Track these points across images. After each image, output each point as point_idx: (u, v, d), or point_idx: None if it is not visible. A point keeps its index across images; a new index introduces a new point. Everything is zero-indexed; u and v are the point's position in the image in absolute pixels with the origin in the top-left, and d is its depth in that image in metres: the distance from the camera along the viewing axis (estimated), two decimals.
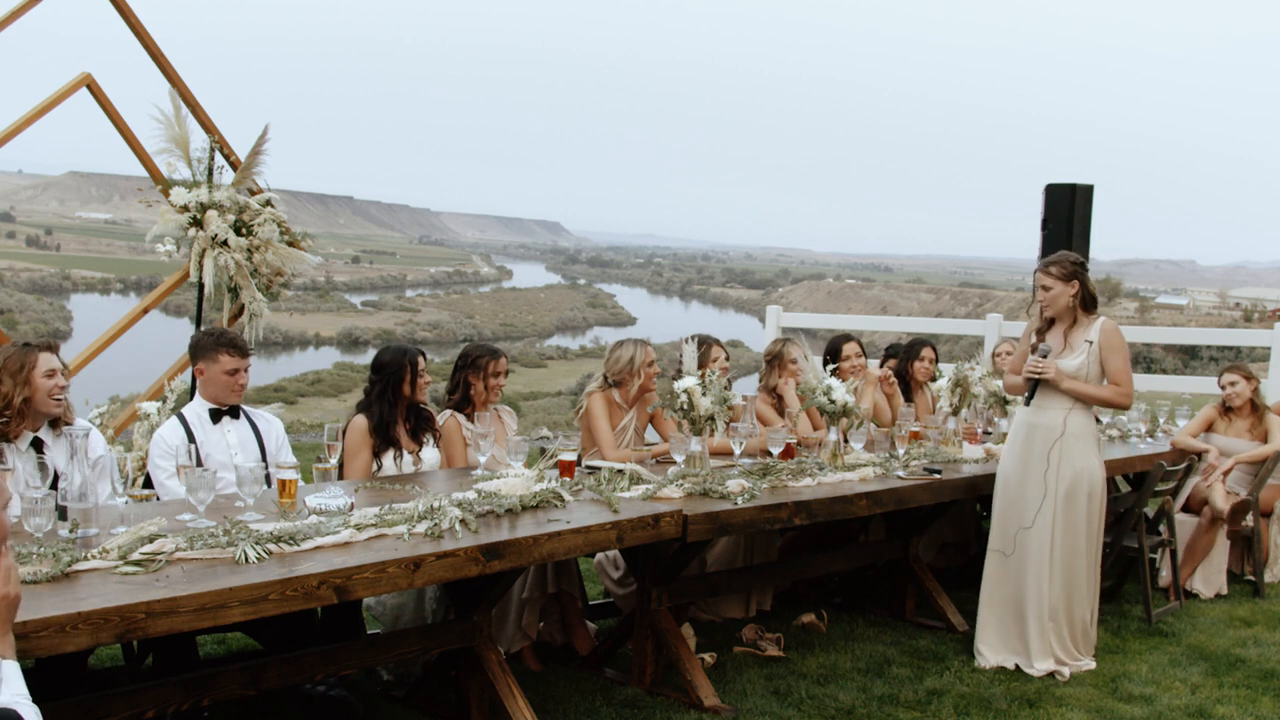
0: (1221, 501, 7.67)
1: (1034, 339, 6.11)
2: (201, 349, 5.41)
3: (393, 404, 5.74)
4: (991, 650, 6.09)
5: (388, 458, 5.68)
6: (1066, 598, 6.01)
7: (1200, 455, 7.90)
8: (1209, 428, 8.15)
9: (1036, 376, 5.97)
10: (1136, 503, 7.04)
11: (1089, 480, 5.99)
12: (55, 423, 4.91)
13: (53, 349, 4.90)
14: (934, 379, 8.28)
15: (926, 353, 8.26)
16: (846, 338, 7.73)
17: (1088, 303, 6.01)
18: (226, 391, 5.41)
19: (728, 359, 6.83)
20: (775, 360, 7.34)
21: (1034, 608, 5.98)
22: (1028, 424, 6.08)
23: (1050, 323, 6.09)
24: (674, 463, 5.78)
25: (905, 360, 8.20)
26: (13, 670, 2.82)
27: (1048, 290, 5.99)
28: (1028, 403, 6.07)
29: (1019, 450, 6.10)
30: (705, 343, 6.69)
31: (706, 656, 5.86)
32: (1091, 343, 5.95)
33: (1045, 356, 5.98)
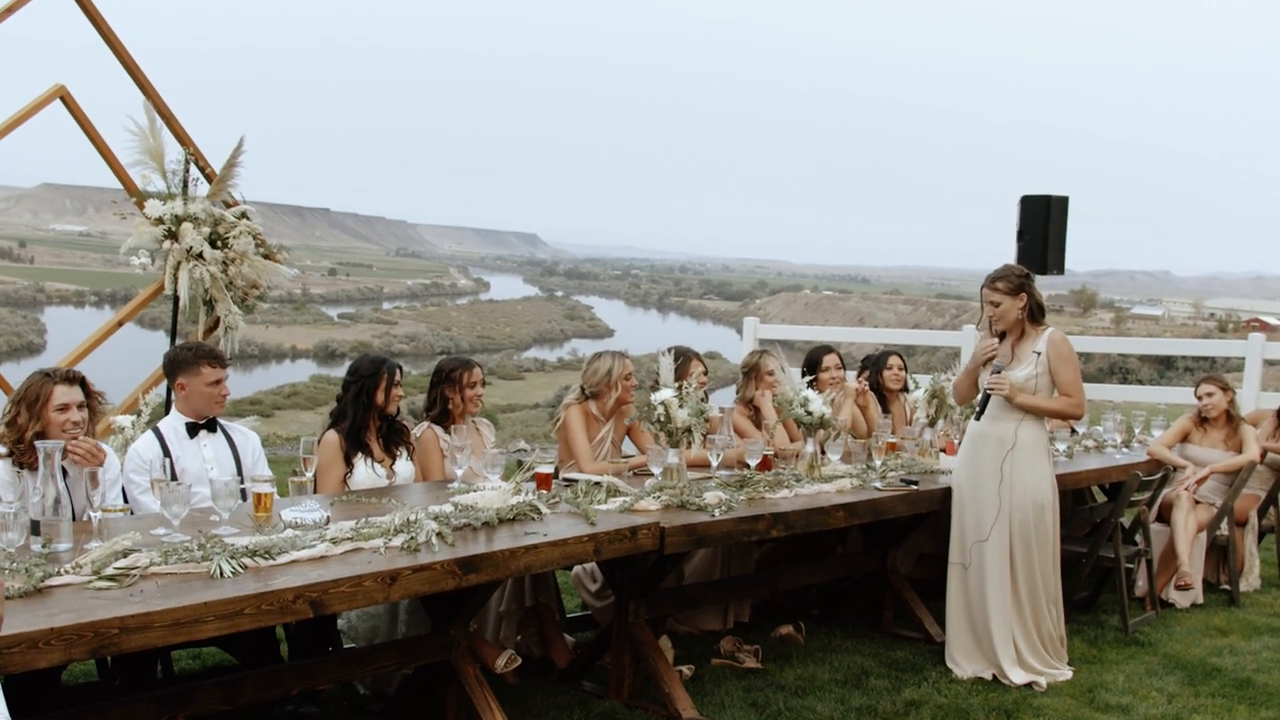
0: (1183, 525, 7.68)
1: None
2: (181, 363, 5.38)
3: (366, 408, 5.72)
4: (964, 661, 6.11)
5: (360, 463, 5.65)
6: (1031, 608, 6.03)
7: (1176, 468, 7.95)
8: (1184, 438, 8.19)
9: (993, 393, 5.99)
10: (1112, 513, 7.07)
11: (1041, 492, 6.01)
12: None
13: (73, 380, 4.81)
14: (906, 388, 8.30)
15: (894, 361, 8.27)
16: (827, 349, 7.74)
17: (1035, 313, 6.02)
18: (209, 403, 5.39)
19: (706, 372, 6.84)
20: (752, 372, 7.35)
21: (997, 620, 5.99)
22: (979, 435, 6.10)
23: (1001, 337, 6.11)
24: (651, 475, 5.78)
25: (874, 372, 8.22)
26: None
27: (997, 306, 6.00)
28: (978, 417, 6.09)
29: (971, 462, 6.12)
30: (684, 355, 6.70)
31: (684, 669, 5.85)
32: (1039, 354, 5.96)
33: (999, 372, 6.00)
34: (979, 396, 6.12)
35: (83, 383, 4.87)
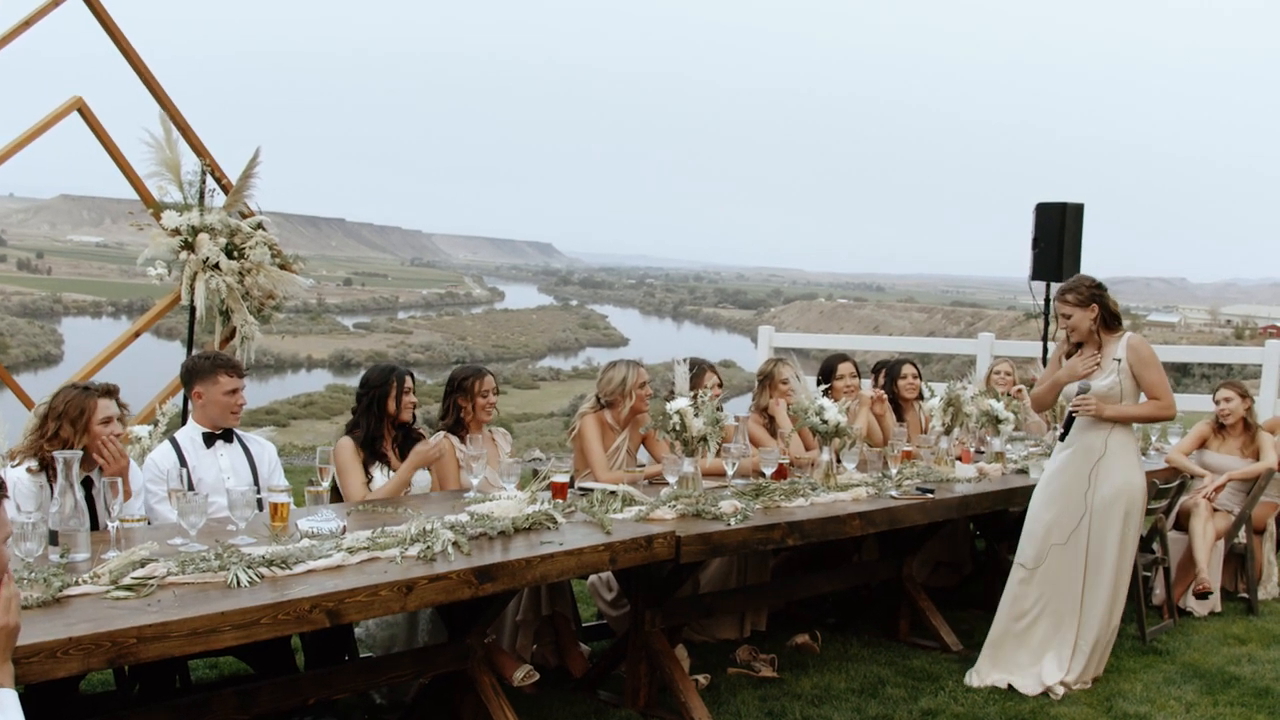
0: (1202, 533, 7.65)
1: (1062, 360, 6.11)
2: (198, 372, 5.40)
3: (379, 419, 5.74)
4: (993, 665, 6.06)
5: (377, 472, 5.67)
6: (1096, 618, 5.99)
7: (1193, 476, 7.92)
8: (1202, 444, 8.16)
9: (1078, 413, 5.96)
10: None
11: (1129, 497, 5.98)
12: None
13: (111, 394, 4.85)
14: (921, 395, 8.27)
15: (907, 370, 8.24)
16: (842, 357, 7.73)
17: (1109, 321, 6.02)
18: (225, 413, 5.40)
19: (720, 384, 6.84)
20: (766, 380, 7.35)
21: (1060, 625, 5.95)
22: (1067, 445, 6.08)
23: (1078, 345, 6.11)
24: (667, 484, 5.78)
25: (889, 383, 8.18)
26: (10, 699, 2.81)
27: (1068, 318, 6.01)
28: (1063, 438, 6.07)
29: (1058, 469, 6.08)
30: (698, 366, 6.71)
31: (700, 678, 5.84)
32: (1120, 360, 5.95)
33: (1087, 392, 5.97)
34: (1063, 419, 6.10)
35: (116, 397, 4.90)
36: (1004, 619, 6.13)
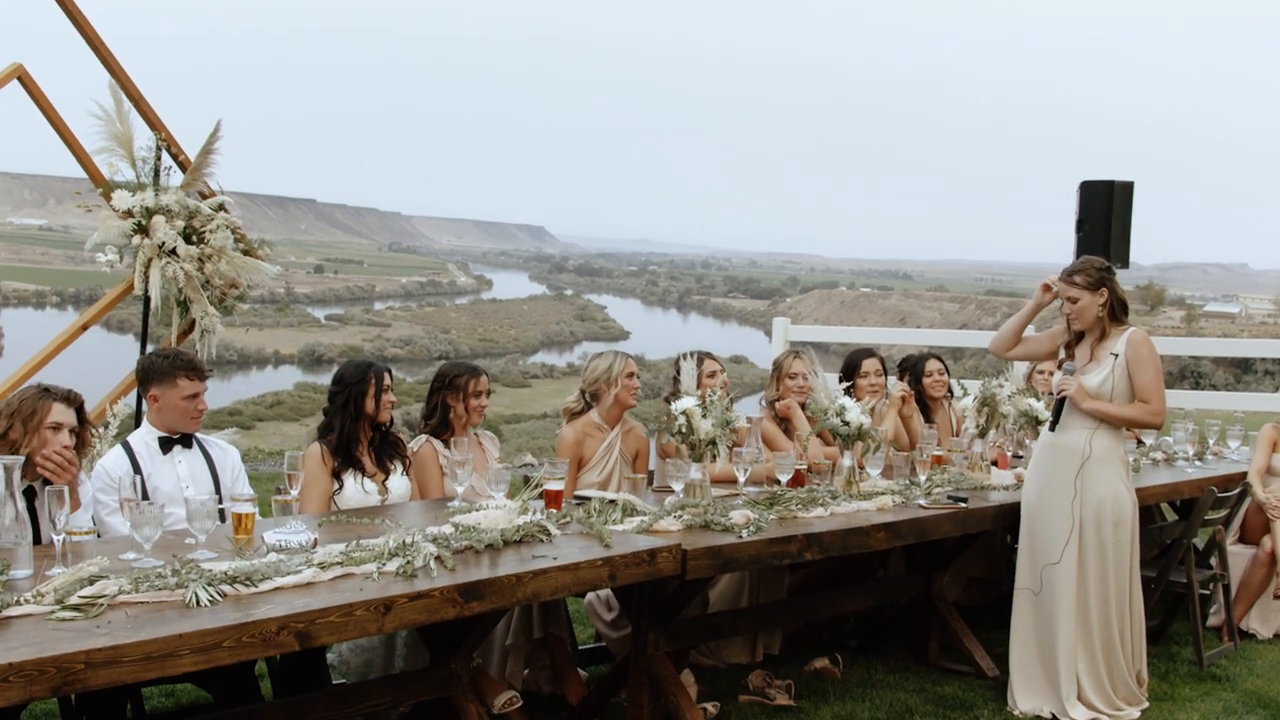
0: None
1: (1061, 353, 6.12)
2: (155, 373, 5.39)
3: (354, 419, 5.73)
4: (1024, 697, 6.07)
5: (349, 479, 5.66)
6: (1103, 641, 5.99)
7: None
8: (1273, 449, 8.06)
9: (1063, 394, 5.97)
10: (1184, 533, 7.03)
11: (1116, 508, 5.98)
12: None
13: (71, 402, 4.83)
14: (950, 393, 8.24)
15: (932, 366, 8.18)
16: (868, 353, 7.71)
17: (1116, 311, 6.00)
18: (184, 419, 5.39)
19: (723, 370, 6.84)
20: (775, 372, 7.35)
21: (1065, 651, 5.95)
22: (1050, 447, 6.09)
23: (1079, 335, 6.09)
24: (671, 491, 5.77)
25: (913, 382, 8.13)
26: None
27: (1075, 302, 5.98)
28: (1053, 427, 6.07)
29: (1042, 477, 6.10)
30: (700, 357, 6.70)
31: (709, 706, 5.85)
32: (1117, 356, 5.94)
33: (1072, 374, 5.97)
34: (1053, 401, 6.11)
35: (80, 408, 4.88)
36: (1018, 649, 6.12)
